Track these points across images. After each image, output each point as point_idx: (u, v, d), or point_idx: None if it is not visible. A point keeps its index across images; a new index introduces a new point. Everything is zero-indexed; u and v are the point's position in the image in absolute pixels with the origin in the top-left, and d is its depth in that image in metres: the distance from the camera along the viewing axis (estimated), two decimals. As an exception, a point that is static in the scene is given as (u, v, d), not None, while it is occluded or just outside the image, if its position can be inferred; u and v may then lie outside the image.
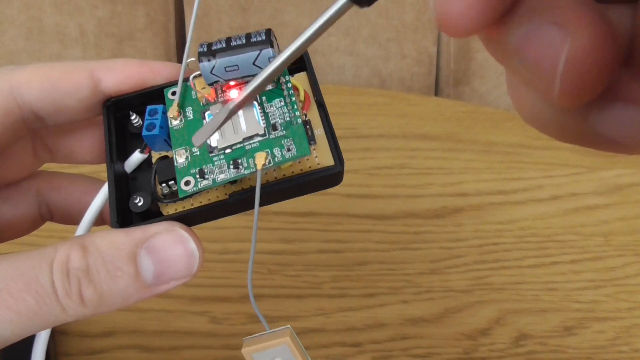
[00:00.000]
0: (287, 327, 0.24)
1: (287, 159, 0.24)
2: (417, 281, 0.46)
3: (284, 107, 0.25)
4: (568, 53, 0.14)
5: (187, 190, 0.24)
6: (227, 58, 0.25)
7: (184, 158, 0.25)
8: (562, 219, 0.50)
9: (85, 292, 0.23)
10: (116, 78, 0.27)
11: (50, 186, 0.31)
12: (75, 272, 0.23)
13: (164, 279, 0.24)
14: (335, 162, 0.25)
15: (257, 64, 0.25)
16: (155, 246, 0.24)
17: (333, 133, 0.25)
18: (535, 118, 0.17)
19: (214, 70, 0.25)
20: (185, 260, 0.24)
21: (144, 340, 0.42)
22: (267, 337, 0.24)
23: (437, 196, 0.51)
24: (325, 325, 0.44)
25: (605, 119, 0.16)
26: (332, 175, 0.24)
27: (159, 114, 0.26)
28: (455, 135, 0.56)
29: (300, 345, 0.24)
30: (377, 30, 0.76)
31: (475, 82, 0.80)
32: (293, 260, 0.47)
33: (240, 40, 0.25)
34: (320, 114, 0.26)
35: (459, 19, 0.15)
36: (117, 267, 0.23)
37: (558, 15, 0.14)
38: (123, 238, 0.24)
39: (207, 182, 0.24)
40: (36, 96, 0.27)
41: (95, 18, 0.73)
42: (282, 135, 0.24)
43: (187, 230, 0.24)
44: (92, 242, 0.23)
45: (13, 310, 0.22)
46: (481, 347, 0.43)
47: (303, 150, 0.24)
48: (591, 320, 0.44)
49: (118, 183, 0.26)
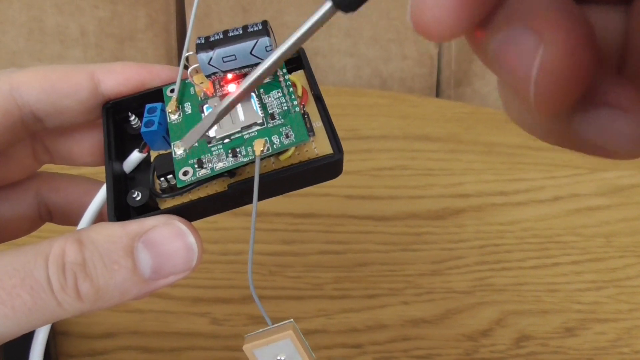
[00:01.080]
0: (290, 321, 0.23)
1: (286, 145, 0.24)
2: (418, 282, 0.46)
3: (282, 97, 0.25)
4: (541, 60, 0.14)
5: (186, 180, 0.24)
6: (225, 48, 0.25)
7: (182, 150, 0.25)
8: (564, 220, 0.50)
9: (81, 286, 0.22)
10: (116, 80, 0.27)
11: (49, 187, 0.31)
12: (71, 267, 0.22)
13: (163, 273, 0.24)
14: (334, 150, 0.24)
15: (254, 53, 0.25)
16: (153, 239, 0.23)
17: (331, 123, 0.25)
18: (521, 121, 0.18)
19: (212, 61, 0.25)
20: (184, 254, 0.24)
21: (144, 341, 0.42)
22: (269, 332, 0.23)
23: (439, 197, 0.51)
24: (327, 327, 0.44)
25: (590, 124, 0.15)
26: (331, 163, 0.24)
27: (158, 111, 0.26)
28: (457, 136, 0.56)
29: (303, 340, 0.23)
30: (378, 31, 0.76)
31: (476, 83, 0.80)
32: (294, 261, 0.47)
33: (237, 32, 0.25)
34: (318, 107, 0.26)
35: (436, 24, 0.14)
36: (113, 261, 0.23)
37: (534, 21, 0.14)
38: (120, 231, 0.23)
39: (206, 171, 0.24)
40: (36, 97, 0.27)
41: (96, 18, 0.73)
42: (280, 123, 0.25)
43: (185, 224, 0.24)
44: (88, 236, 0.23)
45: (8, 306, 0.22)
46: (482, 348, 0.43)
47: (301, 136, 0.24)
48: (592, 321, 0.44)
49: (116, 182, 0.26)
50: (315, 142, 0.25)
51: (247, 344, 0.23)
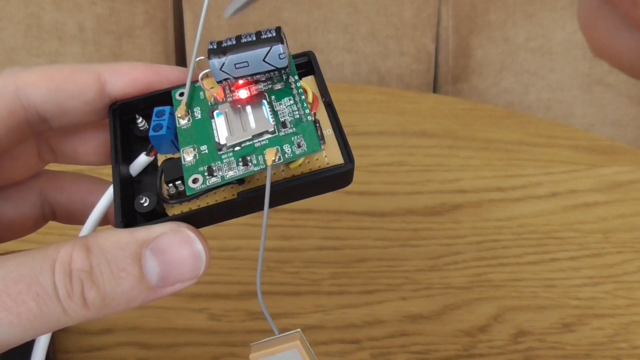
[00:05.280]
0: (297, 330, 0.23)
1: (298, 155, 0.23)
2: (416, 278, 0.46)
3: (294, 105, 0.25)
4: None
5: (195, 188, 0.24)
6: (237, 55, 0.24)
7: (191, 156, 0.25)
8: (561, 216, 0.50)
9: (88, 293, 0.22)
10: (122, 81, 0.27)
11: (53, 186, 0.31)
12: (77, 273, 0.22)
13: (170, 280, 0.23)
14: (345, 160, 0.24)
15: (267, 60, 0.24)
16: (160, 247, 0.23)
17: (342, 132, 0.25)
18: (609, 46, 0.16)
19: (224, 67, 0.24)
20: (191, 262, 0.24)
21: (142, 337, 0.42)
22: (275, 341, 0.23)
23: (436, 193, 0.51)
24: (324, 322, 0.44)
25: None
26: (342, 173, 0.24)
27: (167, 115, 0.26)
28: (454, 133, 0.56)
29: (310, 350, 0.23)
30: (375, 28, 0.76)
31: (473, 79, 0.80)
32: (292, 257, 0.47)
33: (250, 37, 0.24)
34: (329, 114, 0.25)
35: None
36: (121, 268, 0.22)
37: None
38: (127, 238, 0.23)
39: (216, 179, 0.24)
40: (42, 97, 0.26)
41: (94, 15, 0.73)
42: (292, 132, 0.24)
43: (193, 231, 0.24)
44: (95, 242, 0.23)
45: (13, 312, 0.22)
46: (480, 343, 0.43)
47: (314, 147, 0.24)
48: (590, 317, 0.44)
49: (123, 186, 0.25)
50: (326, 150, 0.25)
51: (254, 353, 0.23)
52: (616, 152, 0.55)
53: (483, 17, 0.76)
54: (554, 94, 0.79)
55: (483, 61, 0.78)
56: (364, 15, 0.75)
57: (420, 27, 0.76)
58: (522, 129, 0.57)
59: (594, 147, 0.56)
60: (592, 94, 0.79)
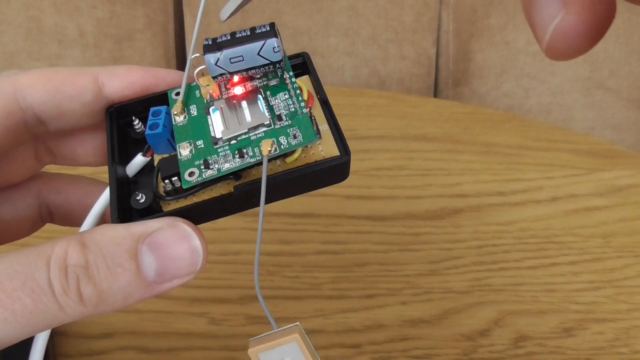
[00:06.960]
0: (297, 324, 0.23)
1: (294, 146, 0.24)
2: (416, 282, 0.46)
3: (289, 99, 0.25)
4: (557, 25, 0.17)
5: (192, 181, 0.24)
6: (232, 49, 0.24)
7: (187, 151, 0.25)
8: (562, 220, 0.50)
9: (84, 289, 0.22)
10: (120, 83, 0.27)
11: (50, 187, 0.31)
12: (73, 269, 0.22)
13: (167, 276, 0.23)
14: (341, 152, 0.24)
15: (261, 54, 0.24)
16: (157, 242, 0.23)
17: (338, 126, 0.25)
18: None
19: (219, 62, 0.25)
20: (188, 257, 0.23)
21: (143, 341, 0.42)
22: (274, 335, 0.23)
23: (436, 197, 0.51)
24: (325, 327, 0.44)
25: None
26: (338, 166, 0.24)
27: (163, 114, 0.26)
28: (455, 137, 0.56)
29: (309, 344, 0.23)
30: (376, 32, 0.76)
31: (474, 83, 0.80)
32: (292, 261, 0.47)
33: (245, 33, 0.25)
34: (324, 111, 0.26)
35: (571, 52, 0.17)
36: (117, 264, 0.22)
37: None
38: (124, 233, 0.23)
39: (212, 172, 0.24)
40: (39, 99, 0.26)
41: (95, 18, 0.73)
42: (287, 124, 0.24)
43: (190, 226, 0.24)
44: (91, 238, 0.22)
45: (8, 309, 0.21)
46: (480, 348, 0.43)
47: (309, 137, 0.24)
48: (590, 321, 0.44)
49: (119, 185, 0.25)
50: (322, 144, 0.25)
51: (252, 347, 0.23)
52: (617, 156, 0.55)
53: (483, 21, 0.76)
54: (555, 98, 0.79)
55: (483, 65, 0.78)
56: (364, 19, 0.75)
57: (421, 31, 0.76)
58: (523, 133, 0.57)
59: (594, 151, 0.56)
60: (592, 97, 0.79)
